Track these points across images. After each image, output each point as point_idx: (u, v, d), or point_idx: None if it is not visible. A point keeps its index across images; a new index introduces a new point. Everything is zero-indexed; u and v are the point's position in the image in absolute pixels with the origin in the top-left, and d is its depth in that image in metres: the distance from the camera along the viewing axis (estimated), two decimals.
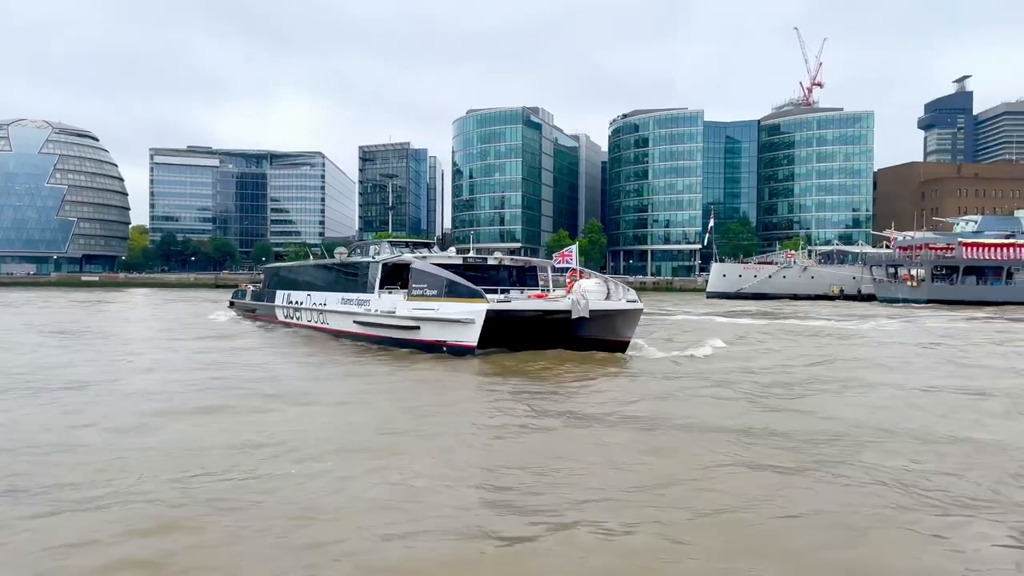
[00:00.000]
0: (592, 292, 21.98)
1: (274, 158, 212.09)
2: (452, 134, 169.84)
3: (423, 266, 23.55)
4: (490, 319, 20.58)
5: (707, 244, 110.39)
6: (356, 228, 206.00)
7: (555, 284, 28.48)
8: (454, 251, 30.32)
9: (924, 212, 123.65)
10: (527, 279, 27.85)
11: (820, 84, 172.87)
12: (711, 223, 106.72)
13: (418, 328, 22.80)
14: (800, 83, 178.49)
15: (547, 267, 29.00)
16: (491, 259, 27.29)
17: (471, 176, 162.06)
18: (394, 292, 25.20)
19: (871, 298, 79.27)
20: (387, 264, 26.21)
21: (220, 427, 11.86)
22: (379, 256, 27.93)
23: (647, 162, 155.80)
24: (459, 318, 21.07)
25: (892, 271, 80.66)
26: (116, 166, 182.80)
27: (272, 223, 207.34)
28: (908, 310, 57.56)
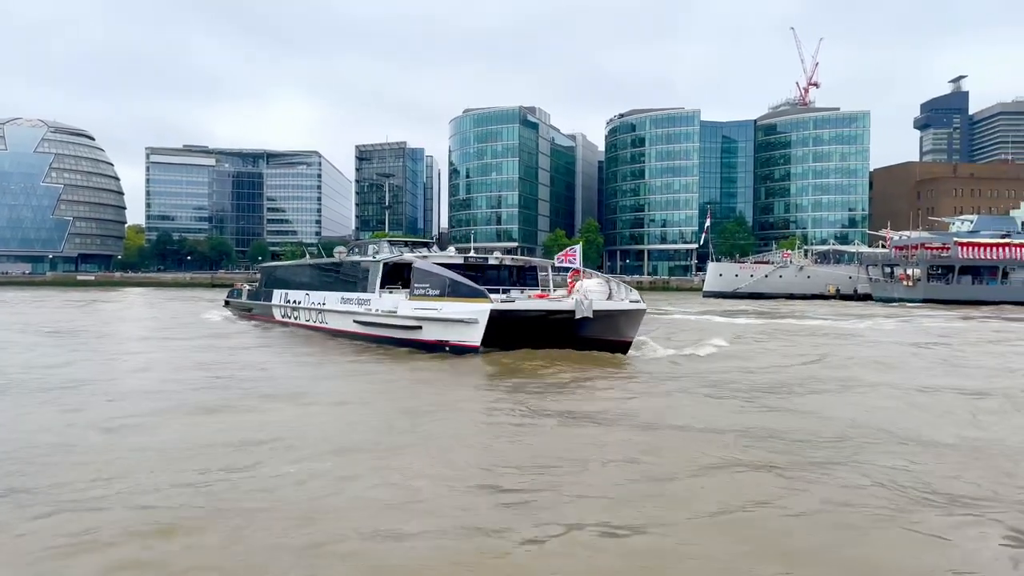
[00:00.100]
0: (594, 292, 21.91)
1: (270, 157, 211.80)
2: (449, 133, 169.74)
3: (425, 266, 23.50)
4: (493, 319, 20.52)
5: (704, 244, 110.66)
6: (352, 227, 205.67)
7: (555, 284, 28.41)
8: (453, 250, 30.27)
9: (920, 212, 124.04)
10: (527, 279, 27.83)
11: (816, 84, 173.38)
12: (707, 223, 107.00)
13: (420, 328, 22.76)
14: (797, 83, 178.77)
15: (547, 267, 28.95)
16: (492, 259, 27.26)
17: (468, 176, 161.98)
18: (395, 292, 25.15)
19: (867, 298, 79.49)
20: (388, 263, 26.14)
21: (219, 427, 11.84)
22: (379, 256, 27.86)
23: (644, 162, 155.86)
24: (462, 318, 21.01)
25: (888, 271, 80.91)
26: (112, 165, 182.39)
27: (268, 222, 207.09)
28: (904, 310, 57.68)
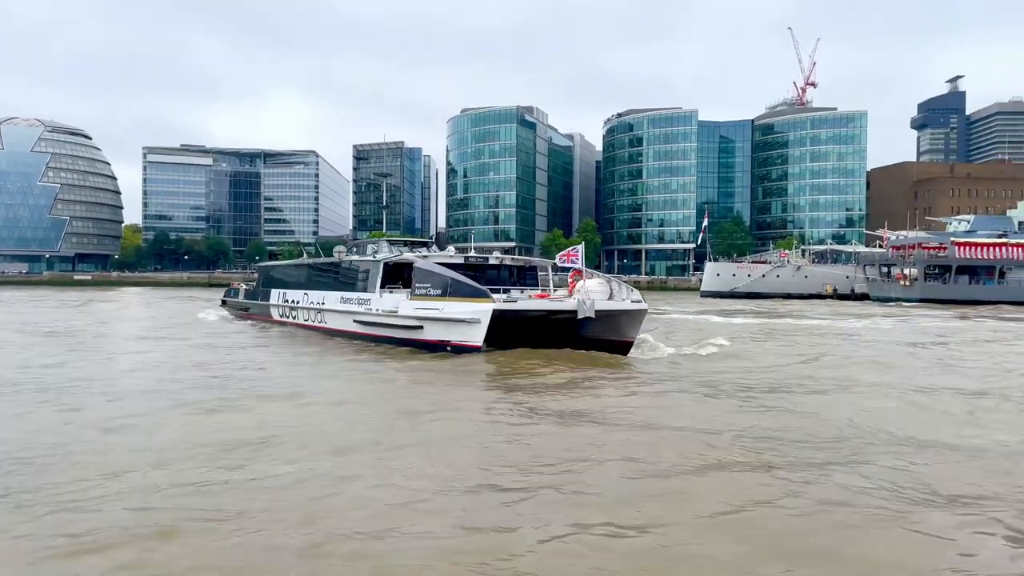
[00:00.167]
0: (595, 292, 21.80)
1: (268, 157, 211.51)
2: (446, 133, 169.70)
3: (426, 265, 23.45)
4: (496, 319, 20.46)
5: (701, 243, 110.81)
6: (350, 227, 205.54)
7: (555, 284, 28.32)
8: (452, 250, 30.22)
9: (917, 212, 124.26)
10: (527, 279, 27.77)
11: (814, 84, 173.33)
12: (705, 222, 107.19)
13: (421, 328, 22.71)
14: (794, 83, 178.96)
15: (547, 267, 28.89)
16: (492, 259, 27.20)
17: (465, 175, 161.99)
18: (395, 291, 25.10)
19: (864, 297, 79.65)
20: (388, 263, 26.06)
21: (217, 426, 11.79)
22: (379, 255, 27.80)
23: (641, 161, 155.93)
24: (464, 318, 20.96)
25: (885, 270, 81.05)
26: (109, 164, 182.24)
27: (266, 222, 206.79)
28: (901, 309, 57.78)
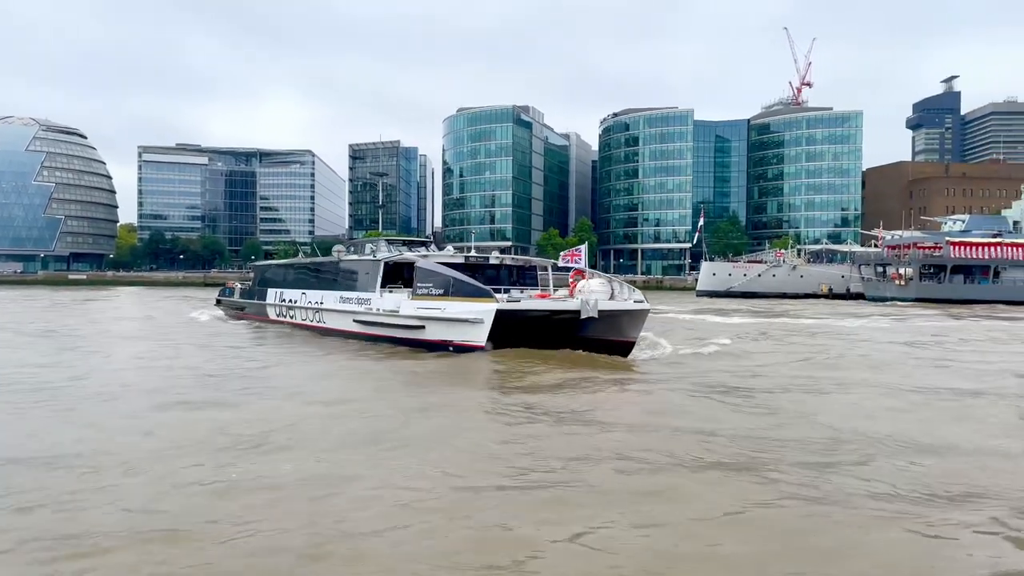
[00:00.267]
0: (597, 292, 21.66)
1: (263, 156, 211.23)
2: (442, 132, 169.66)
3: (428, 265, 23.36)
4: (499, 319, 20.36)
5: (697, 243, 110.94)
6: (346, 226, 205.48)
7: (555, 284, 28.19)
8: (451, 249, 30.16)
9: (912, 211, 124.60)
10: (526, 278, 27.69)
11: (809, 84, 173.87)
12: (701, 222, 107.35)
13: (423, 328, 22.63)
14: (790, 83, 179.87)
15: (547, 267, 28.85)
16: (492, 258, 27.15)
17: (461, 175, 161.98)
18: (396, 291, 25.03)
19: (859, 297, 79.87)
20: (388, 263, 25.96)
21: (215, 427, 11.68)
22: (378, 255, 27.71)
23: (637, 161, 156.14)
24: (468, 317, 20.86)
25: (880, 270, 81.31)
26: (104, 164, 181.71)
27: (261, 221, 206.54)
28: (897, 309, 57.97)
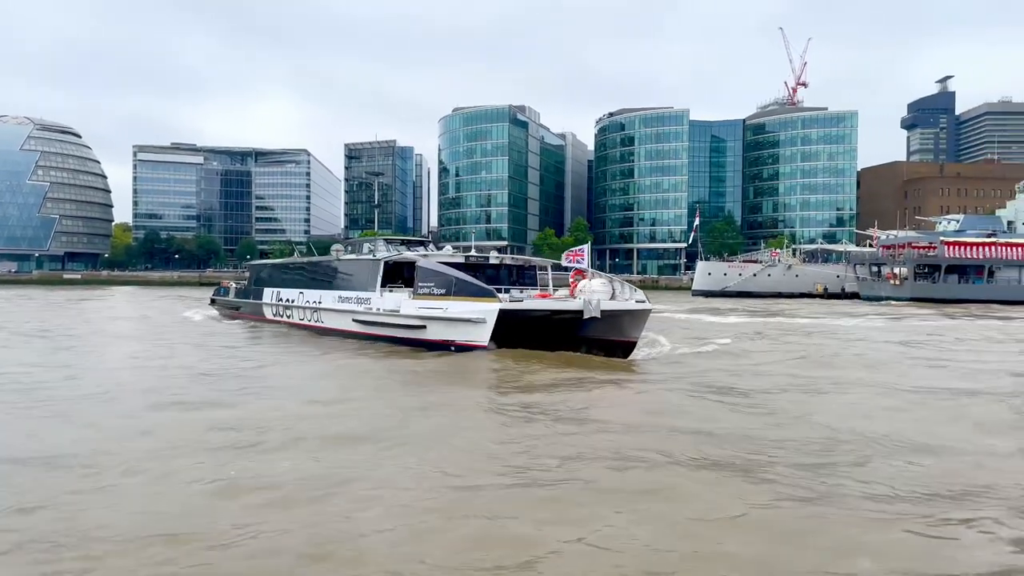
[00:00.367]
0: (598, 292, 21.62)
1: (259, 155, 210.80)
2: (438, 132, 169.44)
3: (430, 264, 23.35)
4: (501, 319, 20.32)
5: (692, 243, 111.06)
6: (342, 226, 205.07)
7: (555, 284, 28.12)
8: (449, 249, 30.16)
9: (907, 211, 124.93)
10: (525, 278, 27.69)
11: (805, 84, 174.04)
12: (696, 222, 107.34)
13: (424, 327, 22.63)
14: (785, 83, 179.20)
15: (547, 267, 28.87)
16: (492, 258, 27.15)
17: (457, 174, 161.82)
18: (396, 290, 25.01)
19: (854, 296, 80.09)
20: (388, 262, 25.97)
21: (212, 428, 11.69)
22: (377, 254, 27.70)
23: (633, 161, 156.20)
24: (470, 317, 20.86)
25: (875, 270, 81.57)
26: (99, 163, 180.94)
27: (257, 221, 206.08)
28: (892, 308, 58.17)
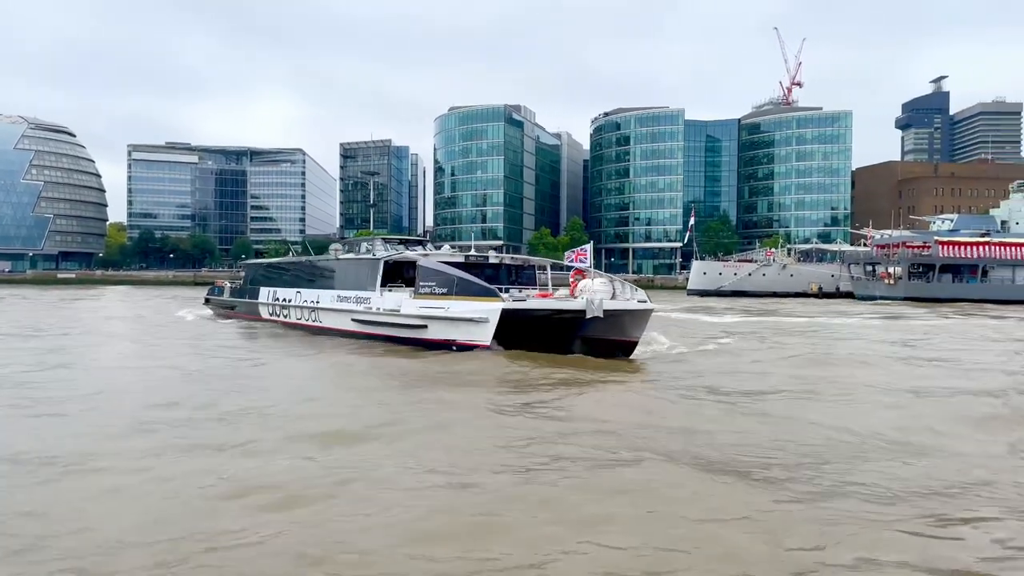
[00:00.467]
0: (599, 292, 21.44)
1: (254, 155, 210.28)
2: (434, 131, 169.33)
3: (431, 264, 23.27)
4: (504, 318, 20.20)
5: (688, 242, 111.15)
6: (337, 225, 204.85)
7: (554, 283, 28.02)
8: (448, 248, 30.14)
9: (901, 211, 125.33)
10: (524, 278, 27.63)
11: (800, 84, 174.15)
12: (692, 221, 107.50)
13: (425, 327, 22.56)
14: (780, 82, 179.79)
15: (546, 266, 28.86)
16: (492, 258, 27.11)
17: (453, 174, 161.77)
18: (396, 290, 24.97)
19: (849, 296, 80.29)
20: (388, 261, 25.92)
21: (212, 427, 11.66)
22: (376, 253, 27.64)
23: (628, 160, 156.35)
24: (472, 317, 20.77)
25: (870, 269, 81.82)
26: (93, 162, 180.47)
27: (252, 220, 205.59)
28: (886, 307, 58.36)
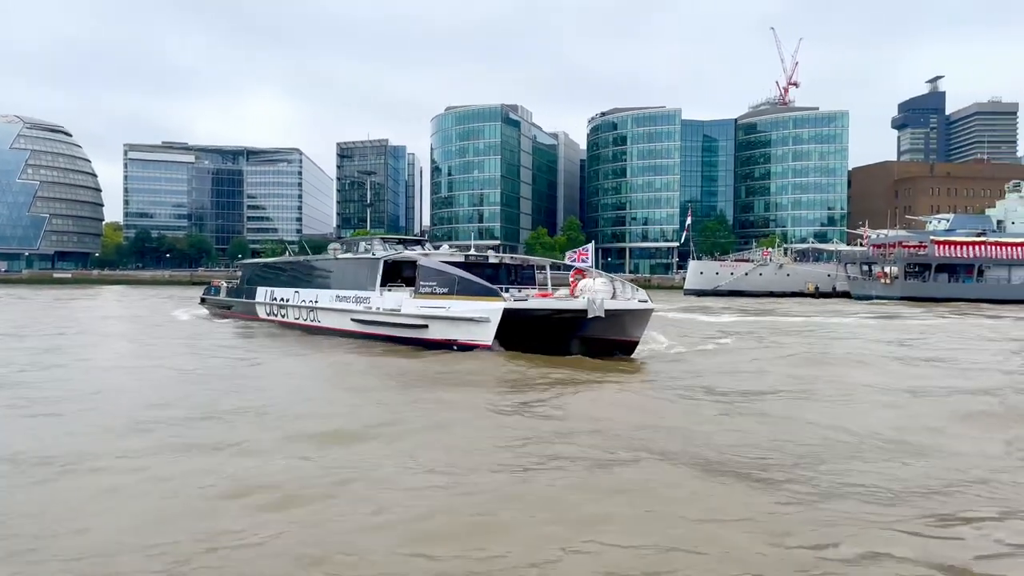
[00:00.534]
0: (600, 292, 21.38)
1: (251, 154, 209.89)
2: (431, 131, 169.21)
3: (432, 263, 23.22)
4: (506, 318, 20.15)
5: (684, 242, 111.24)
6: (334, 225, 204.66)
7: (553, 283, 27.99)
8: (446, 248, 30.12)
9: (897, 210, 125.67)
10: (523, 278, 27.61)
11: (796, 84, 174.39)
12: (688, 221, 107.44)
13: (426, 327, 22.52)
14: (776, 82, 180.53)
15: (545, 266, 28.89)
16: (492, 257, 27.07)
17: (450, 173, 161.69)
18: (396, 290, 24.93)
19: (845, 295, 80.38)
20: (388, 261, 25.88)
21: (205, 426, 11.69)
22: (375, 252, 27.62)
23: (625, 160, 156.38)
24: (474, 316, 20.73)
25: (866, 269, 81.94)
26: (89, 162, 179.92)
27: (249, 220, 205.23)
28: (882, 307, 58.51)
